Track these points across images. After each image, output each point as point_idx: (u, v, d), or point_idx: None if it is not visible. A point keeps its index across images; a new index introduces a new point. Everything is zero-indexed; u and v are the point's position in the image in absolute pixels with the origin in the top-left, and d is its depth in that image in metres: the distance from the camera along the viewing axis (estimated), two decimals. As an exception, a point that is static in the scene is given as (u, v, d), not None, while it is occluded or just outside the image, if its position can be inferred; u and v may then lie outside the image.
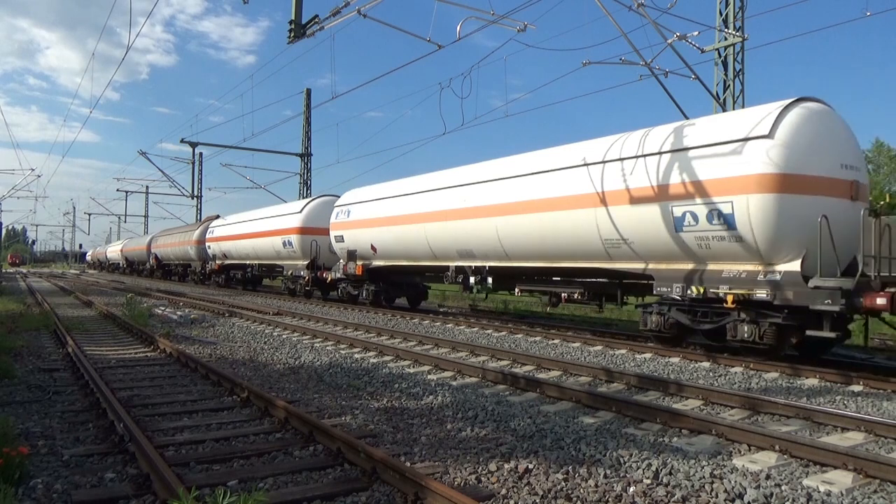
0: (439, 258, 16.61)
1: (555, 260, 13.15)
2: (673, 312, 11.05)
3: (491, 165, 15.33)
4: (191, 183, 42.63)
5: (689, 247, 10.53)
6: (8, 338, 11.30)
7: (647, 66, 14.17)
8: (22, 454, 4.52)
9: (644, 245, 11.18)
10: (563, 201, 12.40)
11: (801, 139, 9.46)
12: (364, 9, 11.48)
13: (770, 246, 9.52)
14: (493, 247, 14.52)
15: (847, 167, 9.82)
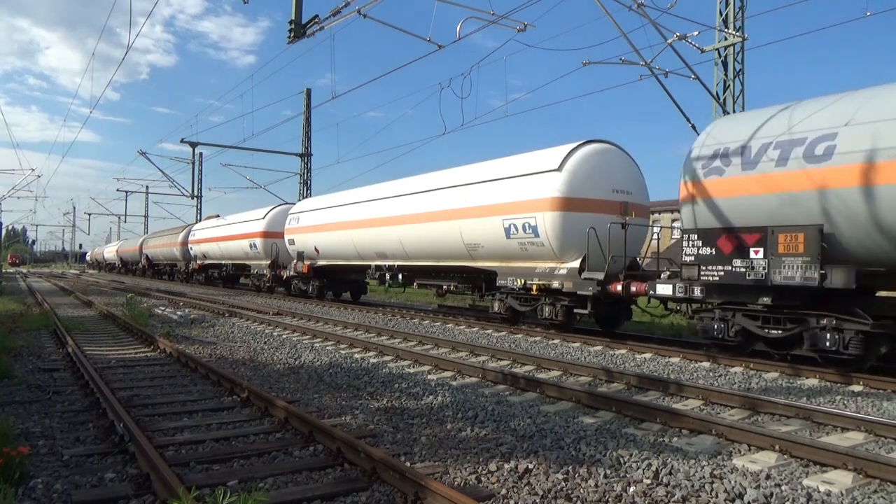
0: (363, 258, 20.24)
1: (439, 260, 16.76)
2: (509, 300, 14.64)
3: (395, 185, 19.02)
4: (191, 183, 42.66)
5: (516, 250, 14.10)
6: (8, 338, 11.30)
7: (647, 66, 14.17)
8: (22, 454, 4.52)
9: (490, 248, 14.80)
10: (440, 214, 16.02)
11: (581, 172, 12.99)
12: (364, 9, 11.49)
13: (560, 249, 13.12)
14: (398, 249, 18.14)
15: (618, 191, 13.31)
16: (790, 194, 9.19)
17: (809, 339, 9.20)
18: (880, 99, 8.77)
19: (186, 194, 41.33)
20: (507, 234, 14.03)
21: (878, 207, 8.27)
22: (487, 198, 14.63)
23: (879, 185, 8.23)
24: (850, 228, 8.67)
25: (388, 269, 19.07)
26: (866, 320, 8.73)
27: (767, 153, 9.50)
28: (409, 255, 17.77)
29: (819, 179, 8.83)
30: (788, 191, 9.22)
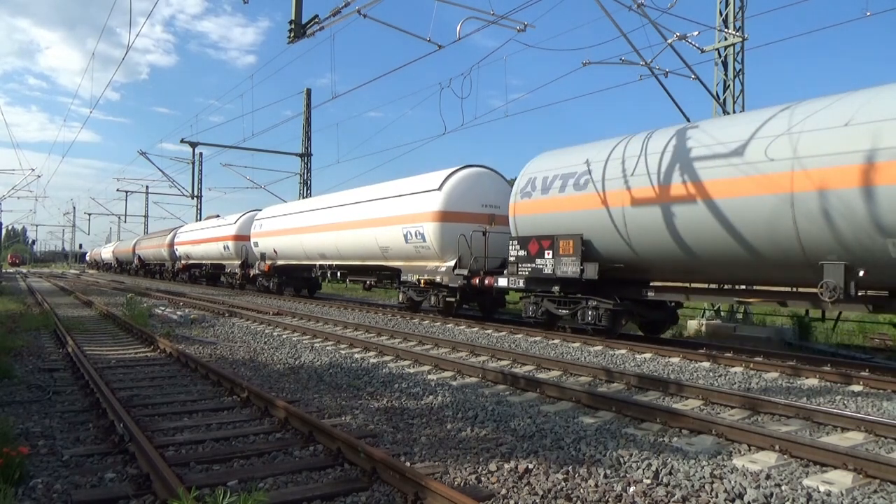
0: (310, 259, 23.88)
1: (363, 260, 20.59)
2: (409, 292, 18.56)
3: (333, 197, 23.21)
4: (191, 183, 42.68)
5: (412, 252, 17.57)
6: (8, 338, 11.30)
7: (647, 66, 14.18)
8: (22, 454, 4.52)
9: (396, 251, 18.31)
10: (363, 223, 19.78)
11: (456, 191, 16.57)
12: (364, 9, 11.48)
13: (441, 252, 16.57)
14: (334, 251, 21.82)
15: (486, 206, 16.80)
16: (567, 212, 12.90)
17: (581, 315, 12.93)
18: (634, 141, 12.20)
19: (186, 194, 41.37)
20: (406, 240, 17.65)
21: (615, 222, 12.01)
22: (392, 210, 18.31)
23: (619, 206, 11.87)
24: (597, 236, 12.37)
25: (328, 268, 22.98)
26: (613, 301, 12.39)
27: (555, 183, 13.29)
28: (343, 256, 21.71)
29: (581, 202, 12.57)
30: (566, 210, 12.91)
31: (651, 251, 11.55)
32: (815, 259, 9.22)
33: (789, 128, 9.40)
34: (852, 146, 8.46)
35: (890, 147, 8.10)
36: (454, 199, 16.45)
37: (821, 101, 9.32)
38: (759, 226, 9.67)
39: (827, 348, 12.46)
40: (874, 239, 8.43)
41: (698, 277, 11.80)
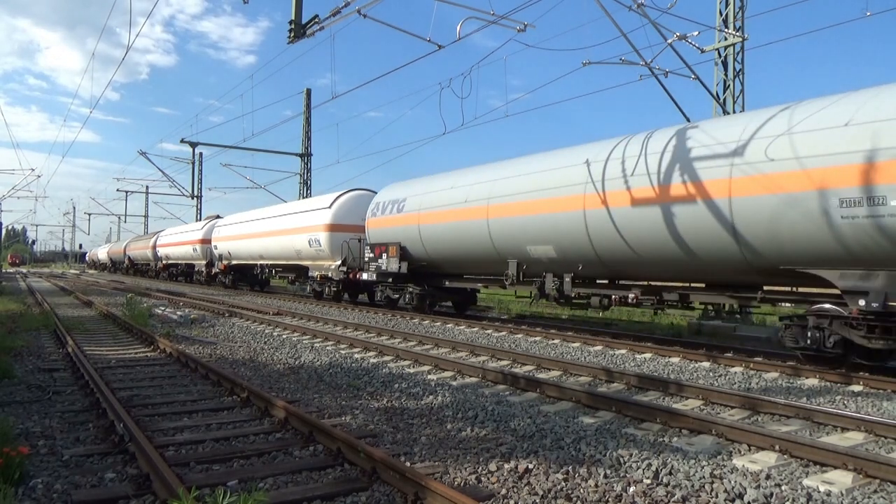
0: (253, 259, 29.34)
1: (288, 260, 25.80)
2: (314, 285, 23.92)
3: (267, 210, 28.92)
4: (191, 183, 42.71)
5: (314, 254, 23.04)
6: (8, 338, 11.30)
7: (647, 66, 14.18)
8: (22, 454, 4.52)
9: (304, 253, 23.79)
10: (284, 231, 25.15)
11: (342, 208, 22.19)
12: (364, 9, 11.48)
13: (331, 254, 21.99)
14: (268, 253, 27.40)
15: (363, 220, 20.63)
16: (393, 227, 18.65)
17: (402, 297, 18.71)
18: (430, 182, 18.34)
19: (186, 194, 41.39)
20: (309, 245, 23.13)
21: (419, 235, 17.35)
22: (301, 223, 23.93)
23: (416, 224, 17.45)
24: (411, 244, 17.84)
25: (265, 266, 28.61)
26: (421, 288, 18.12)
27: (388, 207, 19.08)
28: (273, 257, 27.17)
29: (400, 221, 18.22)
30: (393, 226, 18.61)
31: (439, 254, 17.10)
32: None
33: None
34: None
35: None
36: (340, 215, 22.20)
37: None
38: (475, 231, 15.40)
39: (827, 348, 12.40)
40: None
41: (474, 270, 16.85)
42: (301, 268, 25.01)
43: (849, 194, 8.36)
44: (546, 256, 13.38)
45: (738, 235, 9.68)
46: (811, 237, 8.86)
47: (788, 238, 9.12)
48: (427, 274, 18.16)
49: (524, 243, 13.73)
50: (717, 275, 10.91)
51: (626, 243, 11.45)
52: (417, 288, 18.07)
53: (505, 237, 14.23)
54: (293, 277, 26.67)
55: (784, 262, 9.41)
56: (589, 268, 12.84)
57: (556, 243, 12.91)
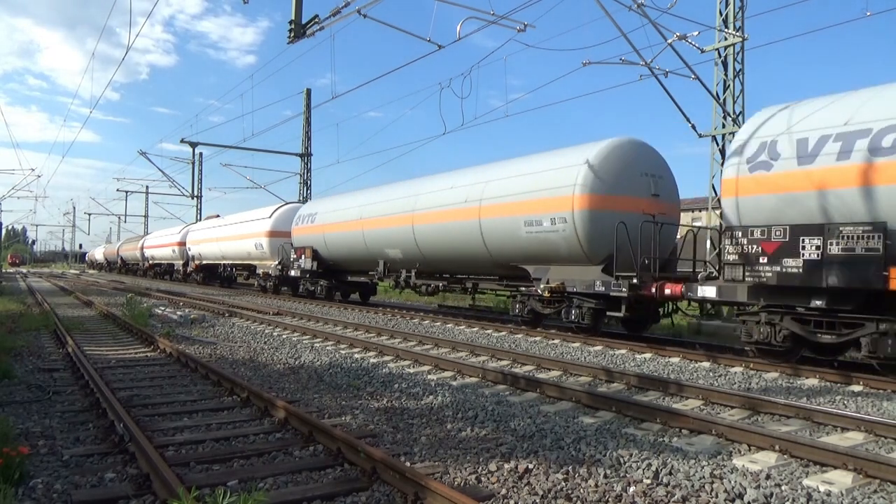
0: (218, 259, 33.98)
1: (242, 260, 30.81)
2: (259, 280, 29.06)
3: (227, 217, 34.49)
4: (191, 183, 42.71)
5: (260, 255, 27.76)
6: (8, 338, 11.30)
7: (647, 66, 14.18)
8: (22, 454, 4.52)
9: (253, 255, 28.60)
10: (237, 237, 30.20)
11: (280, 218, 27.10)
12: (364, 9, 11.49)
13: (271, 256, 26.78)
14: (228, 254, 32.02)
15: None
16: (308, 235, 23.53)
17: (317, 289, 23.63)
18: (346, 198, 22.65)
19: (186, 194, 41.41)
20: (255, 248, 28.20)
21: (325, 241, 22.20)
22: (249, 229, 29.02)
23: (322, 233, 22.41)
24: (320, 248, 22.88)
25: (226, 266, 33.64)
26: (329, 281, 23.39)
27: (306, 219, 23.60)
28: (231, 258, 32.05)
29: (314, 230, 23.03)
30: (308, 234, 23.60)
31: (338, 255, 22.10)
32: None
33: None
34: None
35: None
36: (278, 224, 27.01)
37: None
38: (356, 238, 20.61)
39: (827, 348, 12.42)
40: None
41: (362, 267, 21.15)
42: (251, 266, 30.39)
43: (529, 220, 13.46)
44: (397, 257, 18.52)
45: (486, 243, 14.78)
46: (514, 245, 14.02)
47: (507, 245, 14.28)
48: (335, 271, 23.25)
49: (384, 247, 18.99)
50: (480, 268, 15.97)
51: (431, 249, 16.92)
52: (326, 281, 23.46)
53: (373, 243, 19.49)
54: (247, 274, 32.25)
55: (509, 260, 14.53)
56: (423, 265, 17.84)
57: (402, 248, 17.99)
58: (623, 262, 11.81)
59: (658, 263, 11.63)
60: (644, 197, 12.58)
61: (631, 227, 11.60)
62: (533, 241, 13.34)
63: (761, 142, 9.78)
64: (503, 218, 14.02)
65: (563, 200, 12.53)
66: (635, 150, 12.95)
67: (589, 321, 12.63)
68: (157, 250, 45.91)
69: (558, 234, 12.75)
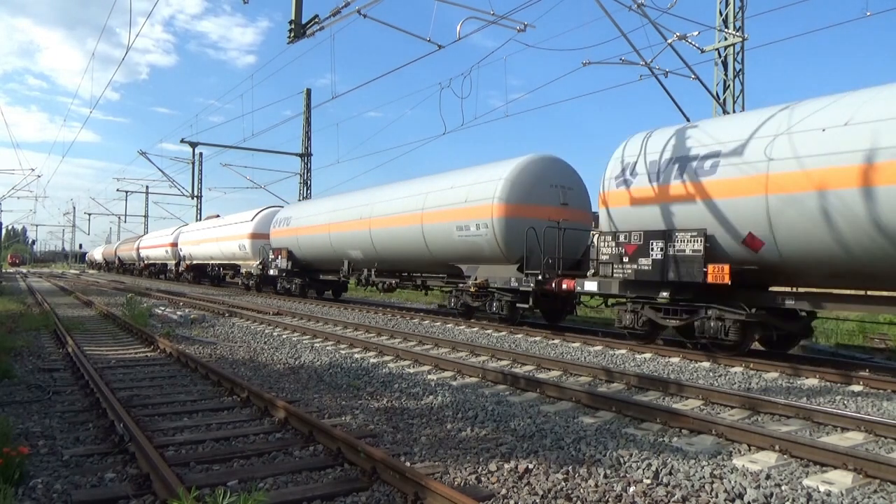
0: (206, 259, 36.02)
1: (228, 260, 32.72)
2: (243, 279, 31.08)
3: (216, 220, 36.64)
4: (191, 183, 42.69)
5: (244, 255, 29.71)
6: (8, 338, 11.30)
7: (647, 66, 14.18)
8: (22, 454, 4.52)
9: (237, 255, 30.64)
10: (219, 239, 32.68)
11: (261, 221, 28.91)
12: (364, 9, 11.48)
13: (253, 256, 28.61)
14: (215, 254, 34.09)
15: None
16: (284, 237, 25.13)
17: (292, 286, 25.49)
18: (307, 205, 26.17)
19: (186, 194, 41.38)
20: (239, 249, 30.18)
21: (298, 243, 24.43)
22: (233, 232, 31.10)
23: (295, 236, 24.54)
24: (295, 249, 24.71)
25: (214, 265, 35.43)
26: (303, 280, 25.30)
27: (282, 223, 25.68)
28: (218, 258, 33.91)
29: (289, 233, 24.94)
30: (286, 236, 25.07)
31: (310, 256, 23.91)
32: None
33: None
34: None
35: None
36: (259, 226, 28.78)
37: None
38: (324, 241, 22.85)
39: (827, 348, 12.45)
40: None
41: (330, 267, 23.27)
42: (236, 266, 32.19)
43: (460, 225, 15.45)
44: (359, 257, 20.61)
45: (427, 245, 16.75)
46: (450, 247, 16.00)
47: (444, 247, 16.22)
48: (308, 270, 25.06)
49: (347, 249, 21.01)
50: (426, 267, 18.07)
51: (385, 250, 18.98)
52: (300, 280, 25.26)
53: (338, 245, 21.61)
54: (233, 273, 33.73)
55: (447, 260, 16.49)
56: (380, 264, 19.79)
57: (362, 249, 20.05)
58: (534, 262, 13.67)
59: (563, 263, 13.56)
60: (553, 206, 14.53)
61: (539, 231, 13.53)
62: (464, 244, 15.47)
63: (625, 162, 11.64)
64: (440, 223, 16.08)
65: (486, 209, 14.61)
66: (547, 166, 14.91)
67: (507, 312, 14.59)
68: (151, 251, 48.18)
69: (482, 238, 14.80)
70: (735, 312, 9.96)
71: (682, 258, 10.23)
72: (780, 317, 10.34)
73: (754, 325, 10.07)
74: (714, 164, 10.03)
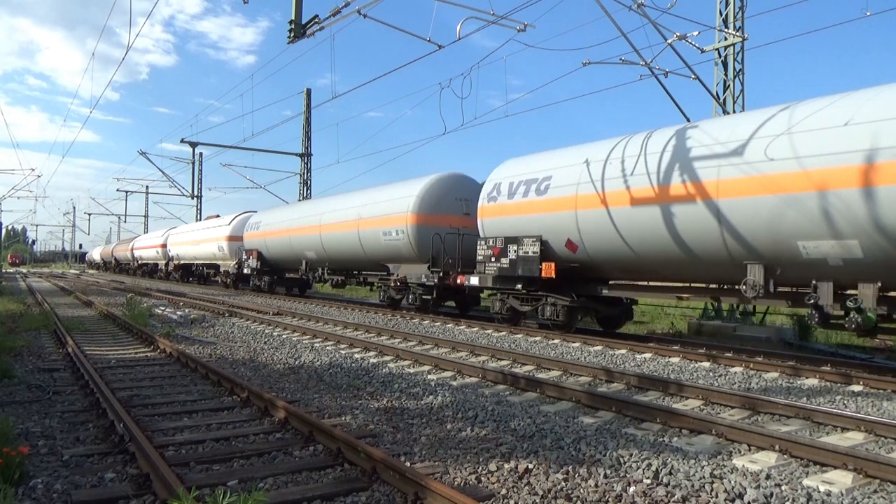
0: (190, 259, 38.48)
1: (209, 260, 34.98)
2: (222, 278, 34.05)
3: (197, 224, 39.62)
4: (191, 183, 42.68)
5: (223, 256, 32.36)
6: (8, 338, 11.30)
7: (647, 66, 14.18)
8: (22, 454, 4.52)
9: (217, 255, 33.22)
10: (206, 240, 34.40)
11: (237, 225, 31.51)
12: (364, 9, 11.47)
13: (231, 257, 31.59)
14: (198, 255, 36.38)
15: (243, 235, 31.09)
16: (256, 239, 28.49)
17: (262, 283, 28.72)
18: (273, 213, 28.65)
19: (186, 194, 41.36)
20: (218, 250, 32.49)
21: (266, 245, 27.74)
22: (213, 234, 33.60)
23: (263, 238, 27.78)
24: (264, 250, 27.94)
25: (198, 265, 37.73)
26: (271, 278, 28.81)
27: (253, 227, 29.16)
28: (201, 258, 36.07)
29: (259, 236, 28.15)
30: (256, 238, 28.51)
31: (276, 256, 26.94)
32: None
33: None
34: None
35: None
36: (235, 229, 31.23)
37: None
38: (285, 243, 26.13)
39: (827, 348, 12.46)
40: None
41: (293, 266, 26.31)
42: (217, 265, 34.61)
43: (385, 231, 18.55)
44: (313, 258, 23.92)
45: (363, 247, 20.02)
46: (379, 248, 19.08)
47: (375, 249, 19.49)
48: (275, 269, 28.17)
49: (304, 250, 24.18)
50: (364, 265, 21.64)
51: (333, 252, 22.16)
52: (269, 278, 28.35)
53: (297, 247, 24.61)
54: (214, 273, 35.90)
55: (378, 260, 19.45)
56: (330, 263, 23.23)
57: (315, 251, 23.40)
58: (440, 262, 16.74)
59: (462, 263, 16.30)
60: (457, 215, 17.56)
61: (443, 237, 16.81)
62: (388, 246, 18.58)
63: (494, 182, 14.93)
64: (372, 229, 19.34)
65: (403, 217, 17.79)
66: (454, 182, 18.26)
67: (420, 304, 17.89)
68: (144, 251, 51.27)
69: (401, 241, 17.92)
70: (563, 299, 13.21)
71: (526, 258, 13.49)
72: (603, 303, 13.58)
73: (578, 308, 13.39)
74: (547, 185, 13.23)
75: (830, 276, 9.08)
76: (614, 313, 13.93)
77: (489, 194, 14.86)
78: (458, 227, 16.75)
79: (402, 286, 18.33)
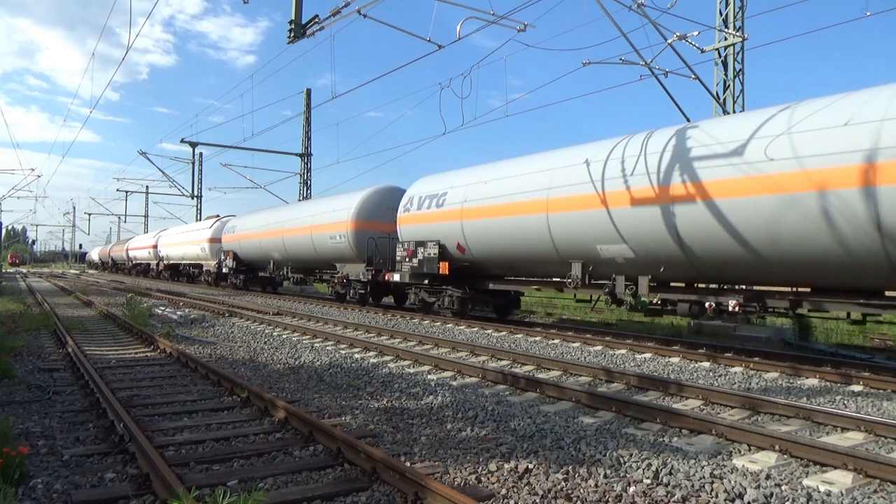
0: (178, 260, 40.30)
1: (194, 260, 37.58)
2: (205, 276, 36.63)
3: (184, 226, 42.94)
4: (191, 183, 42.68)
5: (206, 256, 35.51)
6: (8, 338, 11.30)
7: (647, 66, 14.18)
8: (22, 454, 4.52)
9: (201, 256, 36.03)
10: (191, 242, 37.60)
11: (217, 228, 34.31)
12: (364, 9, 11.47)
13: (212, 257, 34.42)
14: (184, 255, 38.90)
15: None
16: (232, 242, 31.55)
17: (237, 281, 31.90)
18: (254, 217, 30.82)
19: (186, 194, 41.37)
20: (202, 251, 35.14)
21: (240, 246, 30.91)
22: (197, 236, 36.32)
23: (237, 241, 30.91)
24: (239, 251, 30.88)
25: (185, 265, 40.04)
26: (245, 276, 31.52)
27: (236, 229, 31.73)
28: (187, 258, 38.76)
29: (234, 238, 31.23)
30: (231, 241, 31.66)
31: (251, 256, 29.47)
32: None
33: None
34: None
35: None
36: (216, 232, 33.81)
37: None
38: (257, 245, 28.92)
39: (827, 348, 12.46)
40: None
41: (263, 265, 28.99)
42: (201, 265, 37.18)
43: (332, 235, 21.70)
44: (278, 258, 26.97)
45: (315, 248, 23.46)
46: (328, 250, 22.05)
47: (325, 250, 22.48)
48: (249, 268, 30.89)
49: (271, 252, 27.22)
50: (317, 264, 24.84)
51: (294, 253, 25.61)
52: (243, 276, 31.18)
53: (266, 248, 27.39)
54: (198, 272, 38.16)
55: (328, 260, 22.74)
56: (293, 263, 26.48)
57: (280, 252, 26.42)
58: (375, 262, 19.57)
59: (392, 263, 18.53)
60: (390, 222, 19.34)
61: (376, 240, 19.59)
62: (334, 248, 21.71)
63: (409, 196, 17.93)
64: (322, 233, 22.37)
65: (345, 224, 20.92)
66: (387, 194, 21.06)
67: (358, 298, 21.16)
68: (137, 252, 54.13)
69: (343, 244, 21.03)
70: (457, 292, 16.27)
71: (430, 258, 16.38)
72: (492, 294, 16.70)
73: (468, 299, 16.48)
74: (443, 200, 16.25)
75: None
76: (503, 302, 17.15)
77: (405, 206, 17.90)
78: (389, 233, 19.24)
79: (346, 282, 21.67)
